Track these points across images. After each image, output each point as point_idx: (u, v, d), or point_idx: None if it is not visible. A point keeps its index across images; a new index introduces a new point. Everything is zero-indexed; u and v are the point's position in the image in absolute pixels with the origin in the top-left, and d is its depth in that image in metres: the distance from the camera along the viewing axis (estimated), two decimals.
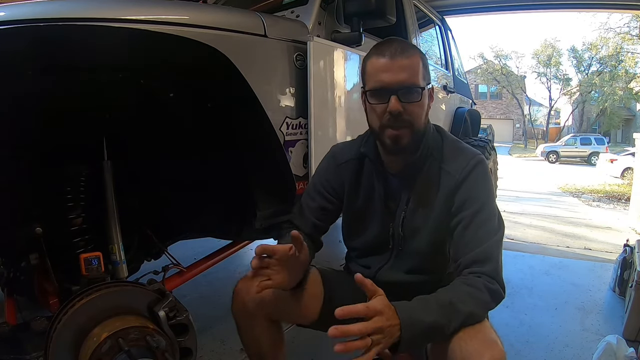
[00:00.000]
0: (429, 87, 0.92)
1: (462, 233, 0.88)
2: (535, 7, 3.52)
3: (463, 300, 0.78)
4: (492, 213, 0.90)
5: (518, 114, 27.26)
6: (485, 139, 3.03)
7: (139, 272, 1.42)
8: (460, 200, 0.90)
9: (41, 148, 1.07)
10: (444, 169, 0.94)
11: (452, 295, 0.79)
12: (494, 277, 0.83)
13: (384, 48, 0.89)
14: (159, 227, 1.45)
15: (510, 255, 2.90)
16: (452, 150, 0.96)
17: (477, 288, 0.80)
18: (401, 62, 0.87)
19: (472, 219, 0.88)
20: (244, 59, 1.17)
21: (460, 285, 0.82)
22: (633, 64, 18.97)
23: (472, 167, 0.91)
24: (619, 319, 1.91)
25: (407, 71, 0.87)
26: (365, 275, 1.03)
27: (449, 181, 0.92)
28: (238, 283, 0.99)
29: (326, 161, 1.09)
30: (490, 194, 0.92)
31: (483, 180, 0.92)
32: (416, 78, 0.88)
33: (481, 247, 0.85)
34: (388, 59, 0.87)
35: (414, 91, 0.87)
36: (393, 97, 0.86)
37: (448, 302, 0.77)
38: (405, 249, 1.00)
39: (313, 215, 1.04)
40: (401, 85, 0.87)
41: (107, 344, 0.89)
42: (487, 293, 0.80)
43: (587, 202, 6.40)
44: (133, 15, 0.97)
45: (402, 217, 0.98)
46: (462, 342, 0.75)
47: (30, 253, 1.13)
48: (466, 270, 0.85)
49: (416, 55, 0.90)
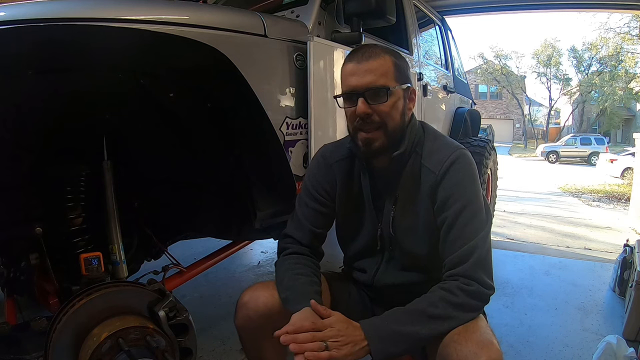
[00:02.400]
0: (404, 87, 0.91)
1: (447, 233, 0.88)
2: (535, 7, 3.52)
3: (435, 304, 0.80)
4: (476, 209, 0.87)
5: (518, 114, 27.27)
6: (485, 139, 3.03)
7: (139, 272, 1.42)
8: (443, 197, 0.89)
9: (41, 148, 1.07)
10: (424, 165, 0.92)
11: (424, 302, 0.81)
12: (471, 277, 0.82)
13: (354, 53, 0.92)
14: (158, 227, 1.45)
15: (510, 255, 2.89)
16: (432, 145, 0.94)
17: (450, 292, 0.81)
18: (367, 66, 0.88)
19: (455, 218, 0.86)
20: (244, 59, 1.17)
21: (436, 290, 0.83)
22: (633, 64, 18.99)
23: (451, 162, 0.89)
24: (619, 319, 1.91)
25: (372, 73, 0.88)
26: (364, 280, 1.05)
27: (429, 178, 0.91)
28: (244, 295, 0.95)
29: (315, 162, 1.07)
30: (473, 188, 0.89)
31: (464, 174, 0.89)
32: (383, 79, 0.88)
33: (462, 248, 0.84)
34: (355, 63, 0.90)
35: (379, 92, 0.88)
36: (360, 99, 0.88)
37: (418, 309, 0.80)
38: (397, 249, 0.98)
39: (310, 223, 1.02)
40: (366, 87, 0.87)
41: (107, 344, 0.89)
42: (464, 295, 0.80)
43: (587, 202, 6.39)
44: (133, 15, 0.97)
45: (391, 216, 0.96)
46: (457, 344, 0.75)
47: (30, 253, 1.13)
48: (447, 272, 0.85)
49: (385, 57, 0.90)
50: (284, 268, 0.95)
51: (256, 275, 2.55)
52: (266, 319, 0.90)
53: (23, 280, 1.25)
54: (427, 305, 0.80)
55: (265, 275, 2.53)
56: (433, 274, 0.96)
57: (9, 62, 0.87)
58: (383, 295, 1.03)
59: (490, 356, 0.73)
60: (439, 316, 0.79)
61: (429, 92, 2.44)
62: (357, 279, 1.07)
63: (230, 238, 1.76)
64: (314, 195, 1.03)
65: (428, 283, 0.87)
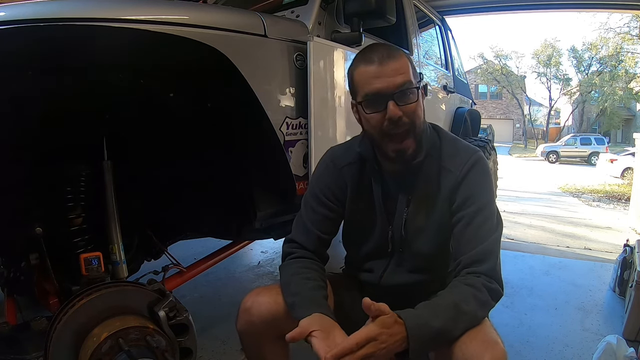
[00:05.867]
0: (422, 84, 0.91)
1: (463, 231, 0.88)
2: (535, 7, 3.52)
3: (467, 300, 0.78)
4: (492, 211, 0.90)
5: (518, 114, 27.26)
6: (485, 139, 3.03)
7: (139, 272, 1.42)
8: (462, 197, 0.90)
9: (41, 148, 1.07)
10: (443, 167, 0.93)
11: (456, 296, 0.79)
12: (492, 276, 0.83)
13: (371, 55, 0.88)
14: (159, 227, 1.45)
15: (510, 255, 2.90)
16: (451, 148, 0.95)
17: (477, 288, 0.80)
18: (392, 66, 0.85)
19: (473, 217, 0.87)
20: (244, 59, 1.17)
21: (461, 285, 0.82)
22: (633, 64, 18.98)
23: (472, 164, 0.91)
24: (619, 319, 1.91)
25: (399, 73, 0.85)
26: (370, 279, 1.05)
27: (450, 179, 0.91)
28: (246, 300, 0.93)
29: (324, 166, 1.04)
30: (490, 191, 0.92)
31: (484, 177, 0.91)
32: (409, 78, 0.86)
33: (481, 246, 0.85)
34: (377, 65, 0.85)
35: (410, 92, 0.86)
36: (390, 102, 0.84)
37: (453, 305, 0.77)
38: (407, 251, 0.98)
39: (317, 229, 0.99)
40: (397, 89, 0.85)
41: (107, 344, 0.89)
42: (487, 292, 0.81)
43: (587, 202, 6.40)
44: (133, 15, 0.97)
45: (403, 219, 0.96)
46: (462, 343, 0.75)
47: (30, 253, 1.13)
48: (465, 270, 0.85)
49: (403, 55, 0.89)
50: (291, 272, 0.93)
51: (256, 275, 2.54)
52: (270, 325, 0.89)
53: (23, 280, 1.25)
54: (460, 300, 0.78)
55: (265, 275, 2.53)
56: (437, 273, 0.96)
57: (8, 62, 0.87)
58: (388, 295, 1.03)
59: (495, 356, 0.73)
60: (468, 312, 0.77)
61: (429, 92, 2.44)
62: (363, 279, 1.07)
63: (230, 238, 1.76)
64: (322, 200, 1.00)
65: (431, 283, 0.87)
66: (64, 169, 1.13)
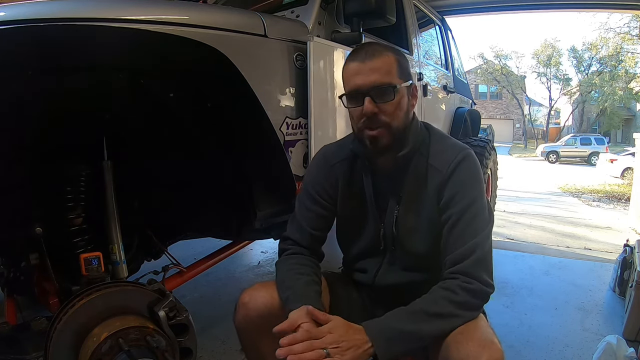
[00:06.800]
0: (408, 84, 0.91)
1: (450, 231, 0.88)
2: (535, 7, 3.53)
3: (437, 303, 0.80)
4: (480, 208, 0.88)
5: (518, 114, 27.27)
6: (485, 139, 3.03)
7: (139, 272, 1.42)
8: (449, 195, 0.89)
9: (41, 148, 1.07)
10: (431, 164, 0.93)
11: (425, 301, 0.82)
12: (471, 275, 0.82)
13: (356, 52, 0.92)
14: (159, 227, 1.45)
15: (510, 255, 2.89)
16: (439, 146, 0.95)
17: (451, 290, 0.81)
18: (372, 64, 0.88)
19: (460, 217, 0.87)
20: (244, 59, 1.17)
21: (437, 289, 0.83)
22: (633, 64, 18.99)
23: (459, 161, 0.90)
24: (619, 319, 1.91)
25: (378, 72, 0.87)
26: (364, 280, 1.05)
27: (437, 176, 0.91)
28: (243, 295, 0.94)
29: (316, 163, 1.06)
30: (478, 189, 0.90)
31: (471, 174, 0.90)
32: (388, 77, 0.88)
33: (464, 246, 0.85)
34: (359, 62, 0.89)
35: (386, 91, 0.87)
36: (366, 98, 0.87)
37: (420, 308, 0.80)
38: (400, 249, 0.98)
39: (310, 227, 1.01)
40: (372, 86, 0.87)
41: (107, 344, 0.89)
42: (464, 293, 0.81)
43: (587, 202, 6.40)
44: (133, 15, 0.97)
45: (394, 216, 0.96)
46: (458, 344, 0.75)
47: (30, 253, 1.13)
48: (447, 271, 0.85)
49: (389, 55, 0.90)
50: (285, 268, 0.95)
51: (256, 275, 2.55)
52: (266, 319, 0.89)
53: (23, 280, 1.25)
54: (429, 304, 0.80)
55: (265, 275, 2.53)
56: (433, 273, 0.95)
57: (8, 62, 0.87)
58: (383, 296, 1.03)
59: (491, 355, 0.73)
60: (440, 314, 0.79)
61: (429, 92, 2.44)
62: (358, 279, 1.07)
63: (230, 238, 1.76)
64: (314, 197, 1.02)
65: (428, 283, 0.87)
66: (64, 169, 1.13)
